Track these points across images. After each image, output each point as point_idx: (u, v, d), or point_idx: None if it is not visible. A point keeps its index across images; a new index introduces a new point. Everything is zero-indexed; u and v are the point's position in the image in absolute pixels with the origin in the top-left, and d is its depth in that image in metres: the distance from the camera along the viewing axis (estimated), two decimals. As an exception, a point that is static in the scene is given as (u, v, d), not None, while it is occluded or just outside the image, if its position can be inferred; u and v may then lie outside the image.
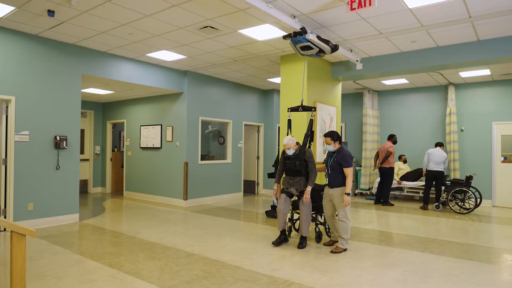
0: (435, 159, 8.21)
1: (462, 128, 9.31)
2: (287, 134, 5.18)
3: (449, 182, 7.99)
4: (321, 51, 5.45)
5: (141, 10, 4.81)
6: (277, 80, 9.13)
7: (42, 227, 5.93)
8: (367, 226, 6.35)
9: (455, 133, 9.17)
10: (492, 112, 8.93)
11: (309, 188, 4.73)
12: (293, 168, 4.84)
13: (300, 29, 4.96)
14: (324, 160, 5.03)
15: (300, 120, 6.64)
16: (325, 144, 4.73)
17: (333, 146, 4.71)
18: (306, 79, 6.41)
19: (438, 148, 8.37)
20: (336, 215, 4.86)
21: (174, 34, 5.73)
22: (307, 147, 5.20)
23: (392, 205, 8.70)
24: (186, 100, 8.36)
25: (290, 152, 4.80)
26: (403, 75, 8.45)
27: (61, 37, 5.95)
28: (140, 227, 6.11)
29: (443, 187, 8.31)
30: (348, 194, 4.53)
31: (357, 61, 6.63)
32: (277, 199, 5.39)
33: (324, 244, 4.99)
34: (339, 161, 4.63)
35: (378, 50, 6.52)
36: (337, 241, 4.86)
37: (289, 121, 5.50)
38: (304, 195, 4.73)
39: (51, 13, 4.79)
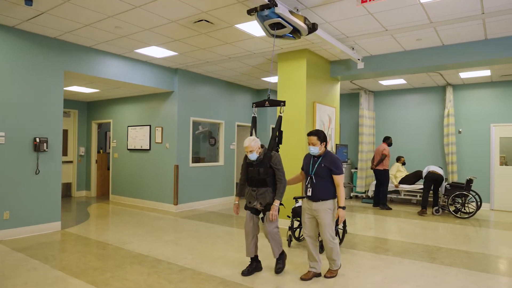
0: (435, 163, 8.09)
1: (460, 130, 9.11)
2: (251, 135, 4.08)
3: (449, 186, 7.77)
4: (295, 30, 4.29)
5: (130, 1, 4.37)
6: (272, 79, 8.77)
7: (19, 237, 5.43)
8: (368, 233, 6.04)
9: (453, 135, 8.97)
10: (490, 114, 8.75)
11: (276, 203, 3.77)
12: (256, 176, 3.84)
13: (268, 0, 3.90)
14: (302, 167, 4.03)
15: (295, 119, 6.28)
16: (308, 145, 3.79)
17: (319, 148, 3.76)
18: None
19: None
20: (315, 237, 3.91)
21: (166, 28, 5.30)
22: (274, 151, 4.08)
23: (390, 209, 8.44)
24: (176, 99, 7.92)
25: (253, 156, 3.82)
26: (402, 75, 8.19)
27: (41, 30, 5.47)
28: (128, 236, 5.67)
29: (441, 191, 8.11)
30: (343, 208, 3.69)
31: (359, 59, 6.31)
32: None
33: (302, 279, 3.82)
34: (329, 167, 3.72)
35: (380, 49, 6.22)
36: (317, 273, 3.91)
37: (254, 118, 4.31)
38: (271, 211, 3.75)
39: (28, 1, 4.31)
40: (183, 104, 8.04)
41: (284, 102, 4.21)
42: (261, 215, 3.99)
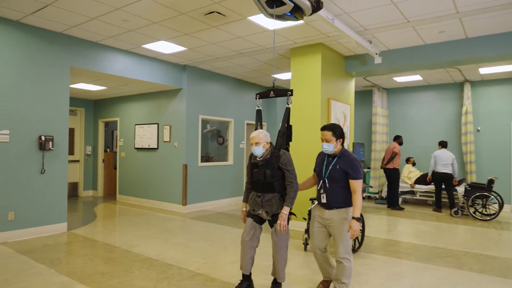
0: (442, 161, 7.86)
1: (479, 128, 8.77)
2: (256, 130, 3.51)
3: (468, 187, 7.44)
4: (297, 8, 3.71)
5: (139, -9, 4.15)
6: (282, 76, 8.50)
7: (24, 239, 5.22)
8: (387, 236, 5.76)
9: (471, 134, 8.63)
10: (510, 111, 8.40)
11: (286, 210, 3.14)
12: (261, 179, 3.25)
13: None
14: (315, 168, 3.44)
15: (309, 116, 6.00)
16: (321, 142, 3.21)
17: (334, 146, 3.15)
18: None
19: (443, 149, 8.03)
20: (325, 250, 3.33)
21: (175, 21, 5.06)
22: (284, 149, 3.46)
23: (402, 209, 8.16)
24: (185, 97, 7.69)
25: (258, 151, 3.22)
26: (419, 71, 7.88)
27: (47, 24, 5.25)
28: (136, 238, 5.44)
29: (461, 192, 7.80)
30: (358, 219, 2.98)
31: (376, 54, 6.02)
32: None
33: None
34: (345, 169, 3.10)
35: (399, 42, 5.92)
36: (330, 281, 3.45)
37: (258, 112, 3.67)
38: (279, 220, 3.13)
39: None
40: (191, 102, 7.80)
41: (291, 91, 3.56)
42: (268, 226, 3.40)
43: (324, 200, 3.18)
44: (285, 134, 3.47)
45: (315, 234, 3.28)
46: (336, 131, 3.17)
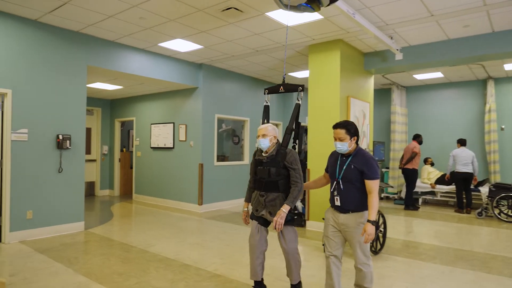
0: (462, 160, 7.62)
1: (503, 126, 8.46)
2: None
3: (493, 187, 7.17)
4: None
5: (156, -13, 4.09)
6: (298, 74, 8.38)
7: (42, 237, 5.24)
8: (408, 238, 5.57)
9: (494, 132, 8.34)
10: (537, 109, 8.09)
11: (285, 208, 2.93)
12: (265, 178, 3.07)
13: None
14: (326, 168, 3.19)
15: (328, 115, 5.85)
16: (334, 141, 2.94)
17: (348, 145, 2.88)
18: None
19: (462, 147, 7.76)
20: (340, 260, 2.96)
21: (192, 18, 5.00)
22: (291, 147, 3.25)
23: (417, 208, 7.95)
24: (201, 95, 7.63)
25: (264, 143, 3.05)
26: (440, 68, 7.64)
27: (64, 22, 5.26)
28: (153, 237, 5.40)
29: (484, 192, 7.53)
30: (373, 222, 2.71)
31: (397, 50, 5.84)
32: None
33: None
34: (360, 169, 2.83)
35: (421, 38, 5.73)
36: None
37: (266, 108, 3.47)
38: (275, 217, 2.93)
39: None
40: (207, 101, 7.75)
41: (302, 86, 3.30)
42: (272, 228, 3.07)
43: (338, 203, 2.91)
44: (293, 132, 3.24)
45: (330, 239, 2.96)
46: (350, 128, 2.89)
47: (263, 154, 3.11)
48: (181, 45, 6.29)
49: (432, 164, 8.90)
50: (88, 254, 4.57)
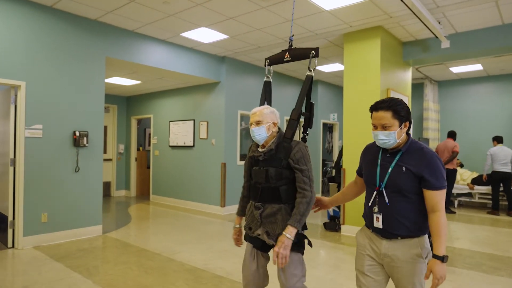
0: (501, 159, 7.13)
1: (548, 123, 7.81)
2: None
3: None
4: None
5: (184, -37, 3.63)
6: (325, 68, 7.85)
7: (58, 242, 4.83)
8: (459, 245, 5.01)
9: (539, 129, 7.69)
10: None
11: (289, 232, 1.99)
12: (262, 182, 2.13)
13: None
14: (359, 169, 2.15)
15: (367, 107, 5.32)
16: (373, 129, 1.91)
17: (396, 135, 1.84)
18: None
19: (500, 145, 7.27)
20: None
21: (220, 2, 4.53)
22: (299, 138, 2.34)
23: (454, 212, 7.38)
24: (224, 91, 7.17)
25: (259, 133, 2.12)
26: (480, 60, 7.04)
27: (81, 9, 4.85)
28: (176, 243, 4.95)
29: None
30: (442, 259, 1.70)
31: (445, 37, 5.28)
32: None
33: None
34: (417, 173, 1.81)
35: (472, 23, 5.16)
36: None
37: (267, 84, 2.52)
38: (276, 247, 2.00)
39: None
40: (230, 96, 7.28)
41: (316, 50, 2.29)
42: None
43: (379, 224, 1.89)
44: (301, 116, 2.21)
45: (366, 276, 1.94)
46: (400, 110, 1.84)
47: (259, 150, 2.18)
48: (205, 35, 5.83)
49: (461, 166, 8.35)
50: (108, 262, 4.13)
